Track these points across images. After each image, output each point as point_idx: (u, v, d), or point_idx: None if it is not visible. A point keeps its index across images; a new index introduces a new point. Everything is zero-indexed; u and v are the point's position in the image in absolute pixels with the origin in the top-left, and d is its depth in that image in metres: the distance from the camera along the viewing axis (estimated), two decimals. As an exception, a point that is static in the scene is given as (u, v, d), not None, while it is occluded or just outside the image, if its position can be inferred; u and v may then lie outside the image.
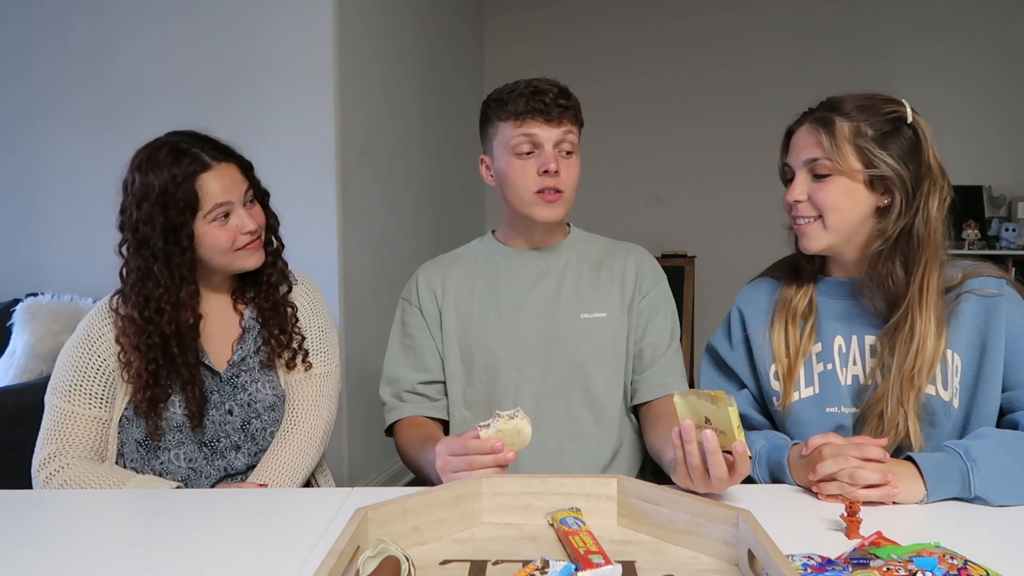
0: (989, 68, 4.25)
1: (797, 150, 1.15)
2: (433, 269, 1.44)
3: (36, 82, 2.83)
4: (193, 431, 1.26)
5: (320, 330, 1.39)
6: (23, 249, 2.87)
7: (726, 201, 4.42)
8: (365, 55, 2.84)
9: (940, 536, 0.81)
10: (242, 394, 1.29)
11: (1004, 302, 1.09)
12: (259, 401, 1.30)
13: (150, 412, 1.22)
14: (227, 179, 1.24)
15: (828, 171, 1.12)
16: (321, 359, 1.38)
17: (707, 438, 0.90)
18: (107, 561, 0.84)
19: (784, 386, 1.19)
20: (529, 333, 1.34)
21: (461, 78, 4.18)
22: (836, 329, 1.18)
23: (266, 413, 1.30)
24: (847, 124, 1.11)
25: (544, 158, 1.28)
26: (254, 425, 1.29)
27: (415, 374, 1.39)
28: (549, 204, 1.31)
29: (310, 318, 1.38)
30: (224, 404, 1.28)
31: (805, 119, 1.16)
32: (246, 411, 1.29)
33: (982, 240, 4.14)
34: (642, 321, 1.37)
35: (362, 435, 2.83)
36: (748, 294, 1.29)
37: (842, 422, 1.15)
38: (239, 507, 1.02)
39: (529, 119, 1.28)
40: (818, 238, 1.15)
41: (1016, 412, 1.07)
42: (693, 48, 4.50)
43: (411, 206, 3.37)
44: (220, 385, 1.29)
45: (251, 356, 1.31)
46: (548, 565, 0.73)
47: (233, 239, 1.24)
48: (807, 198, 1.14)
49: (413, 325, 1.41)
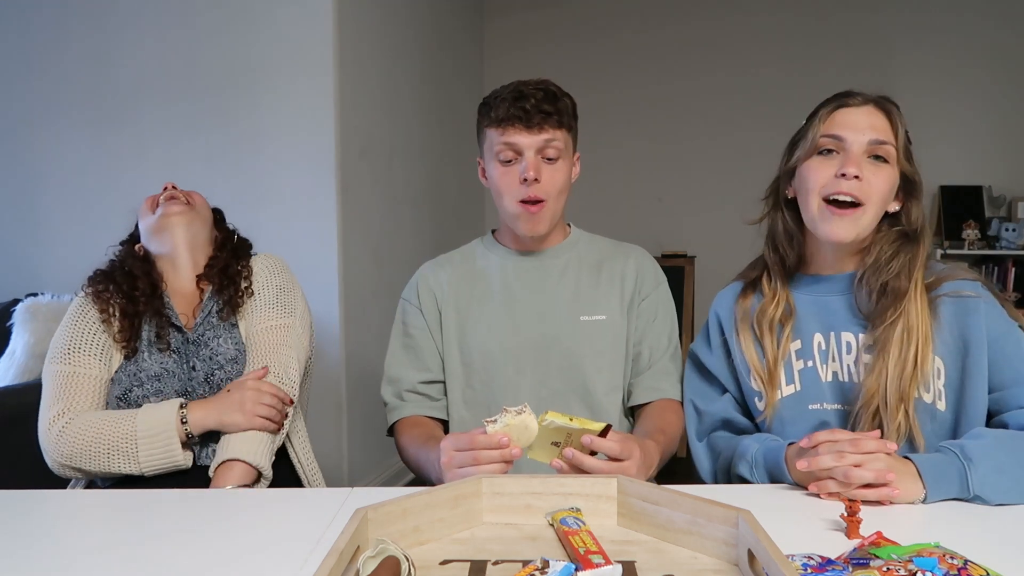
0: (989, 70, 4.25)
1: (860, 128, 1.11)
2: (433, 269, 1.43)
3: (36, 83, 2.83)
4: (162, 352, 1.37)
5: (278, 288, 1.46)
6: (23, 249, 2.87)
7: (726, 201, 4.41)
8: (365, 55, 2.84)
9: (940, 536, 0.81)
10: (204, 350, 1.37)
11: (982, 304, 1.09)
12: (220, 354, 1.37)
13: (131, 338, 1.36)
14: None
15: (888, 158, 1.11)
16: (279, 311, 1.43)
17: (568, 456, 0.99)
18: (107, 561, 0.84)
19: (766, 392, 1.18)
20: (528, 335, 1.34)
21: (461, 78, 4.18)
22: (815, 327, 1.18)
23: (228, 365, 1.37)
24: (900, 119, 1.13)
25: (524, 165, 1.28)
26: (217, 376, 1.35)
27: (416, 373, 1.39)
28: (532, 216, 1.30)
29: (267, 277, 1.46)
30: (188, 361, 1.37)
31: (857, 99, 1.14)
32: (208, 364, 1.36)
33: (982, 240, 4.14)
34: (641, 324, 1.37)
35: (362, 435, 2.84)
36: (723, 298, 1.29)
37: (825, 418, 1.15)
38: (239, 507, 1.02)
39: (509, 126, 1.27)
40: (857, 225, 1.12)
41: (1004, 413, 1.07)
42: (692, 51, 4.50)
43: (411, 206, 3.37)
44: (187, 345, 1.38)
45: (212, 316, 1.41)
46: (548, 565, 0.73)
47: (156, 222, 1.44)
48: (863, 177, 1.10)
49: (414, 325, 1.40)
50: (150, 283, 1.41)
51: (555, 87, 1.32)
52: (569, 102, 1.33)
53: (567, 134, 1.32)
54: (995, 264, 4.20)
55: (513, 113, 1.26)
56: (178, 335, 1.40)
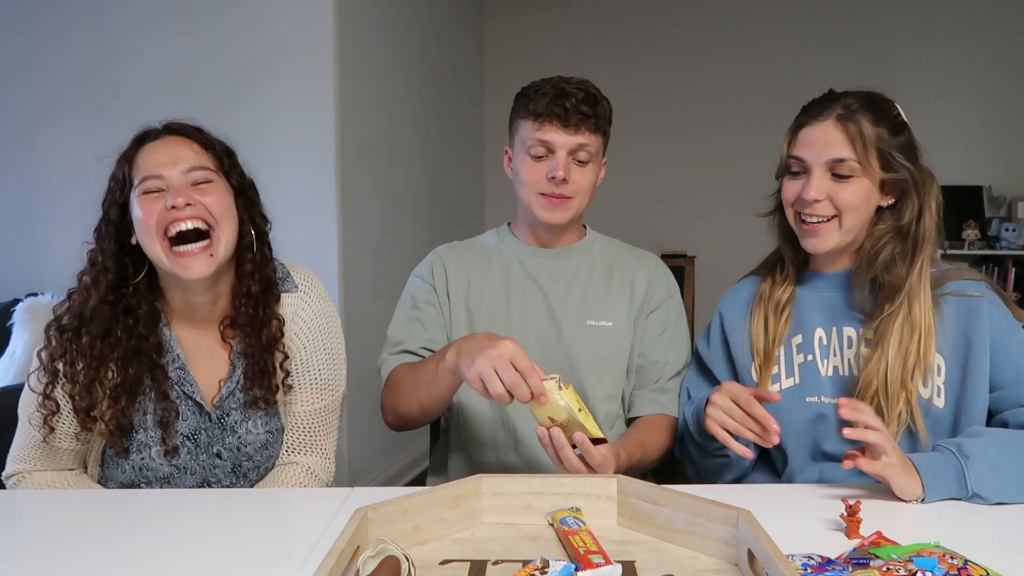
0: (988, 70, 4.25)
1: (818, 146, 1.12)
2: (449, 254, 1.42)
3: (37, 83, 2.83)
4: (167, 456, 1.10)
5: (328, 354, 1.18)
6: (23, 249, 2.87)
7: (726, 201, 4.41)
8: (365, 55, 2.84)
9: (940, 536, 0.81)
10: (231, 437, 1.12)
11: (985, 303, 1.09)
12: (250, 443, 1.13)
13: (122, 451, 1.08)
14: (166, 153, 1.06)
15: (852, 173, 1.10)
16: (327, 391, 1.19)
17: (554, 436, 0.99)
18: (107, 561, 0.84)
19: (760, 374, 1.19)
20: (534, 333, 1.33)
21: (461, 78, 4.18)
22: (817, 321, 1.19)
23: (258, 454, 1.14)
24: (871, 127, 1.10)
25: (554, 163, 1.26)
26: (245, 466, 1.15)
27: (420, 341, 1.35)
28: (553, 206, 1.30)
29: (315, 340, 1.17)
30: (212, 447, 1.12)
31: (822, 114, 1.13)
32: (235, 455, 1.13)
33: (982, 240, 4.14)
34: (648, 336, 1.35)
35: (362, 435, 2.83)
36: (729, 297, 1.31)
37: (822, 411, 1.15)
38: (239, 507, 1.02)
39: (547, 122, 1.26)
40: (831, 238, 1.13)
41: (1004, 412, 1.07)
42: (693, 53, 4.50)
43: (411, 206, 3.37)
44: (209, 426, 1.12)
45: (239, 392, 1.13)
46: (548, 565, 0.73)
47: (159, 214, 1.03)
48: (825, 197, 1.11)
49: (424, 300, 1.37)
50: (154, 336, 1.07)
51: (595, 89, 1.30)
52: (607, 106, 1.32)
53: (600, 139, 1.31)
54: (995, 264, 4.19)
55: (552, 110, 1.25)
56: (194, 411, 1.12)
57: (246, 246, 1.12)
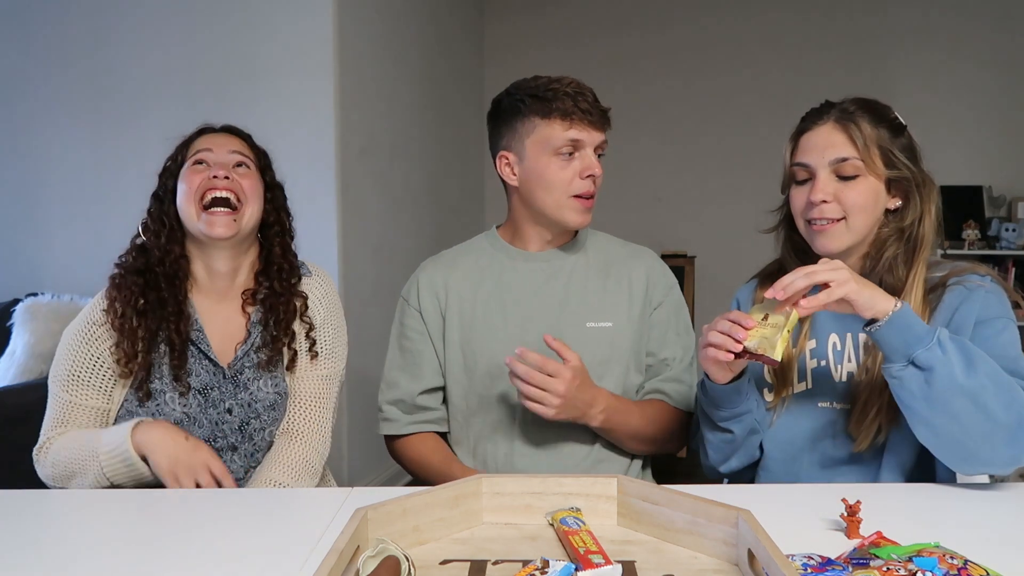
0: (988, 71, 4.26)
1: (819, 149, 1.13)
2: (435, 268, 1.40)
3: (37, 83, 2.83)
4: (180, 394, 1.23)
5: (333, 329, 1.34)
6: (23, 249, 2.87)
7: (726, 201, 4.42)
8: (365, 55, 2.84)
9: (940, 536, 0.81)
10: (243, 393, 1.25)
11: (981, 291, 1.09)
12: (260, 400, 1.25)
13: (143, 384, 1.22)
14: (218, 139, 1.30)
15: (857, 172, 1.11)
16: (329, 361, 1.33)
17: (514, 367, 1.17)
18: (107, 561, 0.84)
19: (776, 386, 1.19)
20: (534, 339, 1.32)
21: (461, 77, 4.18)
22: (831, 327, 1.19)
23: (266, 413, 1.26)
24: (870, 127, 1.11)
25: (589, 161, 1.28)
26: (252, 425, 1.25)
27: (414, 384, 1.36)
28: (586, 210, 1.30)
29: (324, 316, 1.33)
30: (224, 402, 1.24)
31: (821, 118, 1.15)
32: (245, 411, 1.25)
33: (982, 240, 4.14)
34: (656, 334, 1.35)
35: (362, 435, 2.84)
36: (745, 289, 1.31)
37: (832, 417, 1.15)
38: (239, 507, 1.02)
39: (577, 121, 1.26)
40: (840, 239, 1.13)
41: None
42: (692, 53, 4.50)
43: (411, 206, 3.37)
44: (222, 382, 1.25)
45: (254, 352, 1.27)
46: (548, 565, 0.73)
47: (200, 182, 1.23)
48: (832, 198, 1.12)
49: (412, 328, 1.38)
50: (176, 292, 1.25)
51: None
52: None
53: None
54: (995, 264, 4.19)
55: (582, 108, 1.26)
56: (209, 370, 1.26)
57: (274, 234, 1.32)
